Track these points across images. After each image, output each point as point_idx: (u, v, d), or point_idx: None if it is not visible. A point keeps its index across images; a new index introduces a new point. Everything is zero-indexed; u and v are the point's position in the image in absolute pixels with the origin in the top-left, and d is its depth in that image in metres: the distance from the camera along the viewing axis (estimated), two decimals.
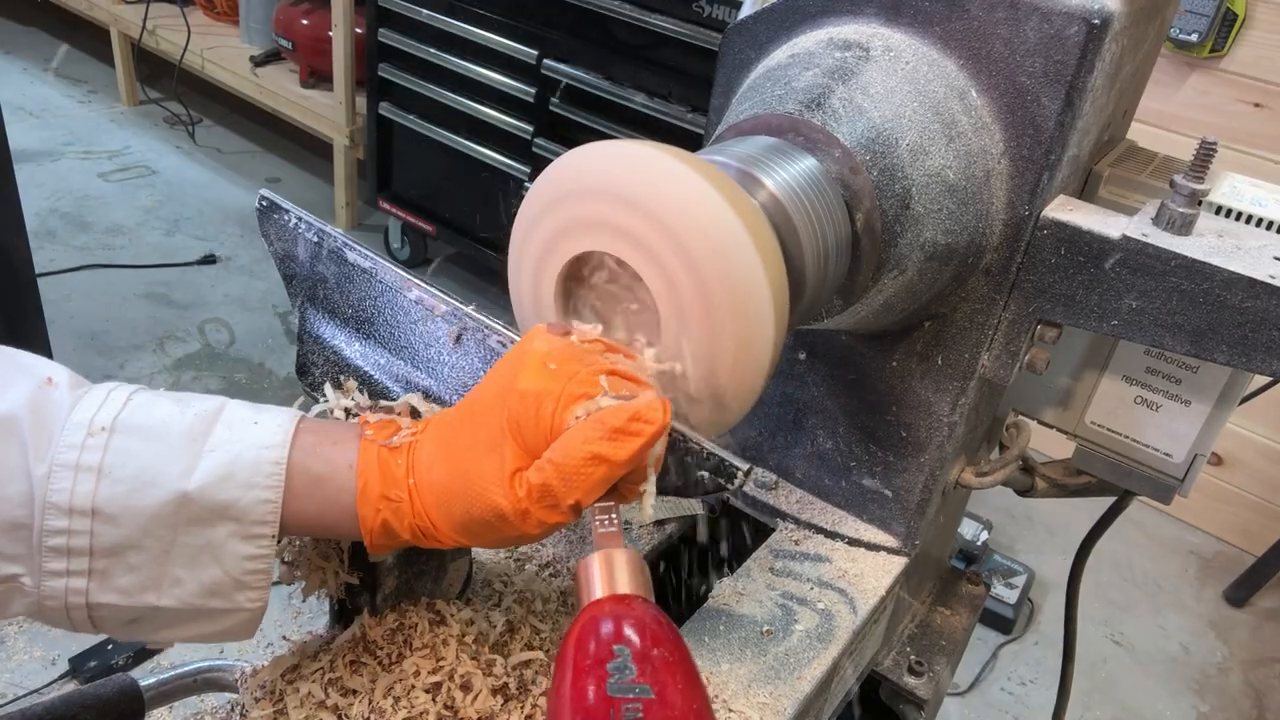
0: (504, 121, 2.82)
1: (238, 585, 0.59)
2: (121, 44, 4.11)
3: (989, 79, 0.75)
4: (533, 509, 0.57)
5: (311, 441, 0.61)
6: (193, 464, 0.57)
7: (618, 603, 0.53)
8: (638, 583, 0.54)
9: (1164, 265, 0.73)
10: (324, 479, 0.60)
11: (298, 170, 4.02)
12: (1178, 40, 2.48)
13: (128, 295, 3.09)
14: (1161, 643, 2.50)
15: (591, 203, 0.61)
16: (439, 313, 0.69)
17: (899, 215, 0.72)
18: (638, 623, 0.51)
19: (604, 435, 0.55)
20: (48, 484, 0.54)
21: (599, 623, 0.51)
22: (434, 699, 0.68)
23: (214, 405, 0.60)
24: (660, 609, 0.53)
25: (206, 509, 0.57)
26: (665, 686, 0.48)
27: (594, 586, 0.54)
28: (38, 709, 0.74)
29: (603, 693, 0.47)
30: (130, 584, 0.57)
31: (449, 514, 0.59)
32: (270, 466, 0.58)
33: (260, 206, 0.76)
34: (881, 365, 0.89)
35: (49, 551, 0.55)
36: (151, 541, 0.56)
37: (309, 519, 0.61)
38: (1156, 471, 0.92)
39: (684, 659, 0.50)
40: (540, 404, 0.57)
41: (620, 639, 0.50)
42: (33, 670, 1.89)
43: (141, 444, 0.56)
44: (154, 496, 0.56)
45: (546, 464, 0.56)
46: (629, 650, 0.49)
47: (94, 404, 0.57)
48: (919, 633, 1.09)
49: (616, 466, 0.56)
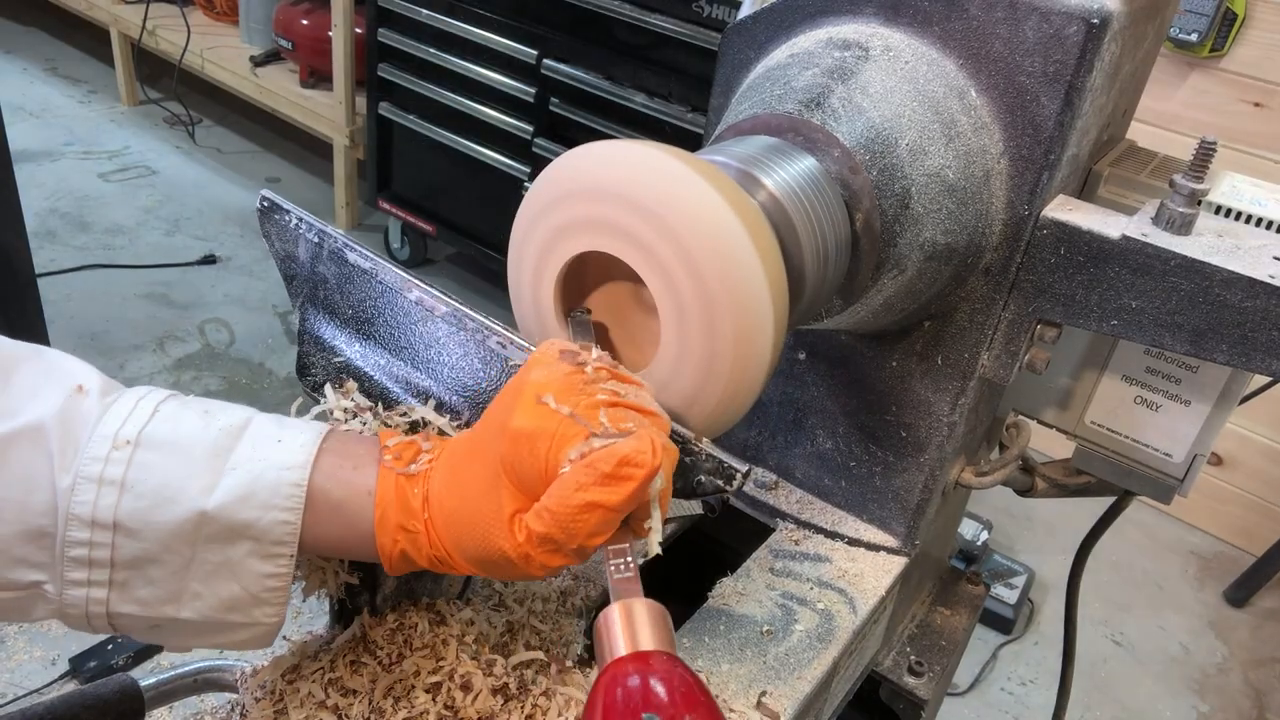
0: (504, 121, 2.82)
1: (256, 601, 0.59)
2: (121, 44, 4.11)
3: (988, 79, 0.75)
4: (534, 554, 0.56)
5: (333, 464, 0.60)
6: (214, 482, 0.57)
7: (643, 662, 0.50)
8: (661, 637, 0.52)
9: (1164, 265, 0.73)
10: (343, 505, 0.60)
11: (298, 170, 4.02)
12: (1178, 40, 2.48)
13: (128, 295, 3.09)
14: (1161, 643, 2.50)
15: (591, 203, 0.61)
16: (439, 313, 0.69)
17: (898, 215, 0.72)
18: (667, 685, 0.49)
19: (595, 481, 0.53)
20: (71, 496, 0.54)
21: (627, 686, 0.49)
22: (434, 699, 0.68)
23: (239, 420, 0.60)
24: (687, 667, 0.51)
25: (226, 527, 0.57)
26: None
27: (617, 643, 0.52)
28: (38, 709, 0.74)
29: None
30: (149, 596, 0.57)
31: (462, 549, 0.59)
32: (290, 488, 0.58)
33: (261, 207, 0.76)
34: (881, 365, 0.89)
35: (71, 562, 0.55)
36: (171, 556, 0.57)
37: (328, 542, 0.61)
38: (1156, 471, 0.92)
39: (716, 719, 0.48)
40: (534, 445, 0.55)
41: (651, 705, 0.47)
42: (33, 670, 1.89)
43: (165, 459, 0.56)
44: (174, 513, 0.56)
45: (544, 511, 0.55)
46: (658, 718, 0.47)
47: (121, 415, 0.57)
48: (919, 633, 1.09)
49: (613, 511, 0.54)
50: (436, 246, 3.51)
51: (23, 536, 0.54)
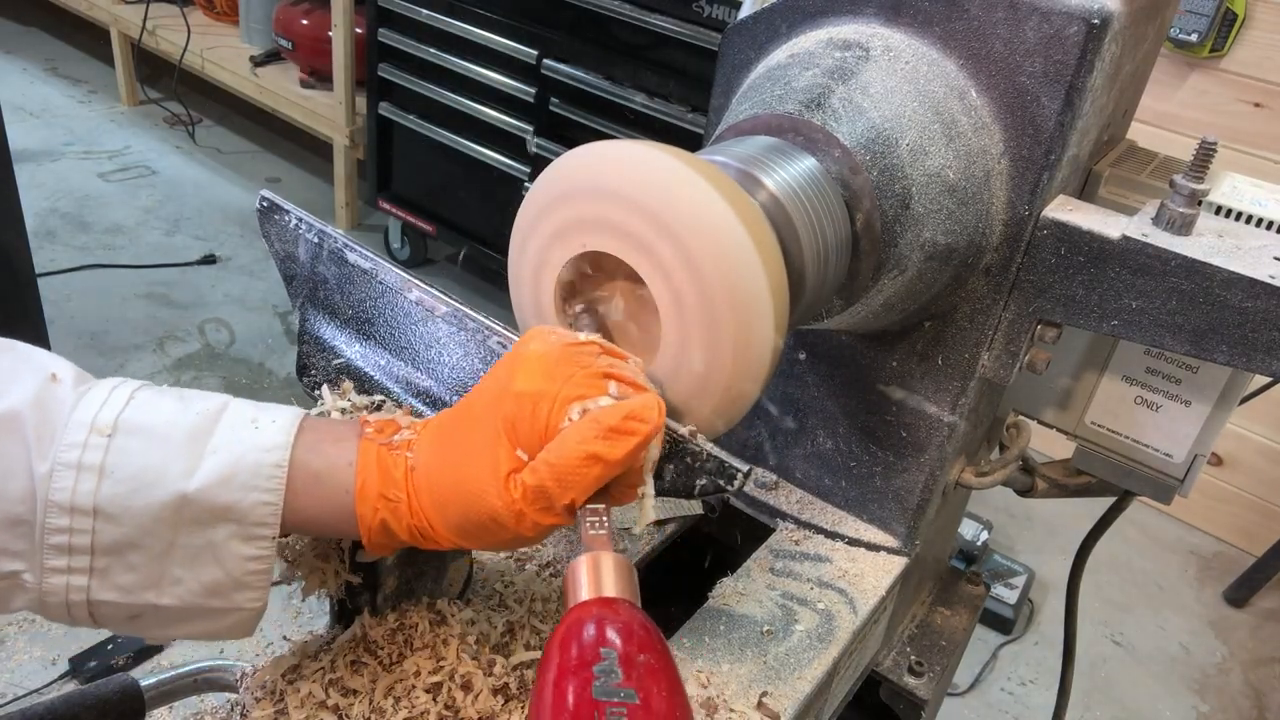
0: (504, 121, 2.82)
1: (237, 585, 0.59)
2: (121, 44, 4.11)
3: (989, 79, 0.75)
4: (527, 510, 0.57)
5: (313, 439, 0.61)
6: (194, 465, 0.57)
7: (604, 605, 0.52)
8: (625, 587, 0.54)
9: (1164, 265, 0.73)
10: (323, 476, 0.60)
11: (298, 170, 4.02)
12: (1178, 40, 2.48)
13: (128, 295, 3.09)
14: (1161, 643, 2.50)
15: (591, 203, 0.61)
16: (439, 313, 0.69)
17: (899, 215, 0.72)
18: (624, 627, 0.51)
19: (599, 434, 0.55)
20: (50, 482, 0.54)
21: (584, 625, 0.51)
22: (434, 699, 0.68)
23: (217, 404, 0.60)
24: (646, 615, 0.53)
25: (207, 510, 0.57)
26: (650, 693, 0.47)
27: (580, 589, 0.54)
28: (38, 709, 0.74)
29: (587, 695, 0.47)
30: (130, 582, 0.57)
31: (445, 516, 0.60)
32: (271, 469, 0.58)
33: (261, 207, 0.76)
34: (881, 365, 0.89)
35: (50, 549, 0.55)
36: (152, 541, 0.56)
37: (308, 517, 0.61)
38: (1156, 471, 0.92)
39: (668, 666, 0.50)
40: (536, 404, 0.57)
41: (605, 642, 0.49)
42: (33, 670, 1.89)
43: (143, 444, 0.56)
44: (155, 497, 0.56)
45: (541, 465, 0.56)
46: (615, 654, 0.49)
47: (97, 401, 0.57)
48: (919, 633, 1.10)
49: (611, 466, 0.56)
50: (436, 246, 3.51)
51: (0, 525, 0.54)
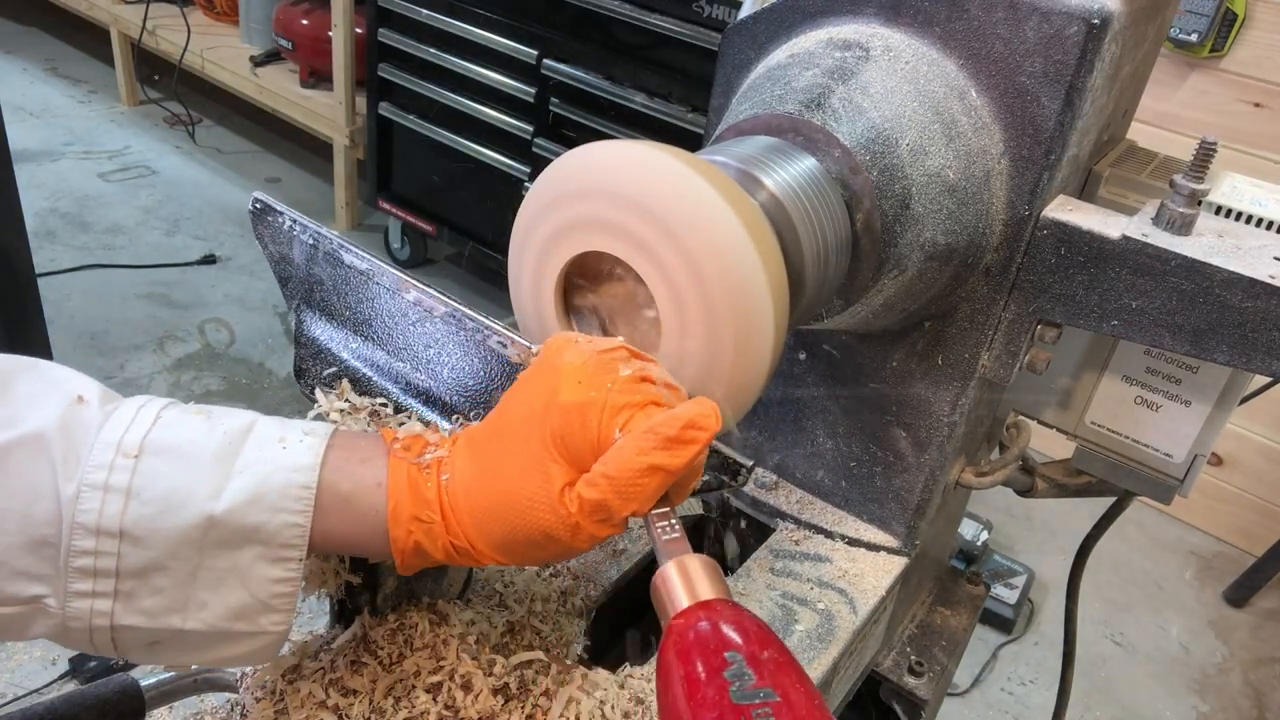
0: (504, 121, 2.82)
1: (263, 608, 0.58)
2: (121, 44, 4.11)
3: (989, 79, 0.75)
4: (584, 523, 0.57)
5: (340, 459, 0.60)
6: (221, 486, 0.56)
7: (708, 609, 0.51)
8: (719, 586, 0.53)
9: (1164, 265, 0.73)
10: (353, 498, 0.59)
11: (298, 170, 4.02)
12: (1178, 40, 2.48)
13: (128, 295, 3.09)
14: (1161, 643, 2.50)
15: (591, 203, 0.61)
16: (438, 314, 0.69)
17: (899, 215, 0.72)
18: (739, 627, 0.49)
19: (658, 445, 0.55)
20: (76, 504, 0.53)
21: (699, 631, 0.49)
22: (435, 699, 0.68)
23: (244, 423, 0.59)
24: (747, 609, 0.52)
25: (234, 532, 0.56)
26: (786, 688, 0.46)
27: (678, 596, 0.52)
28: (38, 709, 0.74)
29: (728, 702, 0.45)
30: (155, 606, 0.56)
31: (488, 534, 0.59)
32: (299, 490, 0.57)
33: (254, 209, 0.76)
34: (881, 365, 0.89)
35: (75, 572, 0.54)
36: (178, 564, 0.56)
37: (338, 538, 0.60)
38: (1156, 471, 0.92)
39: (791, 657, 0.49)
40: (585, 415, 0.56)
41: (728, 645, 0.48)
42: (33, 670, 1.89)
43: (170, 465, 0.56)
44: (182, 518, 0.55)
45: (600, 478, 0.55)
46: (741, 655, 0.47)
47: (123, 422, 0.56)
48: (919, 633, 1.09)
49: (672, 475, 0.55)
50: (437, 246, 3.51)
51: (25, 548, 0.53)
